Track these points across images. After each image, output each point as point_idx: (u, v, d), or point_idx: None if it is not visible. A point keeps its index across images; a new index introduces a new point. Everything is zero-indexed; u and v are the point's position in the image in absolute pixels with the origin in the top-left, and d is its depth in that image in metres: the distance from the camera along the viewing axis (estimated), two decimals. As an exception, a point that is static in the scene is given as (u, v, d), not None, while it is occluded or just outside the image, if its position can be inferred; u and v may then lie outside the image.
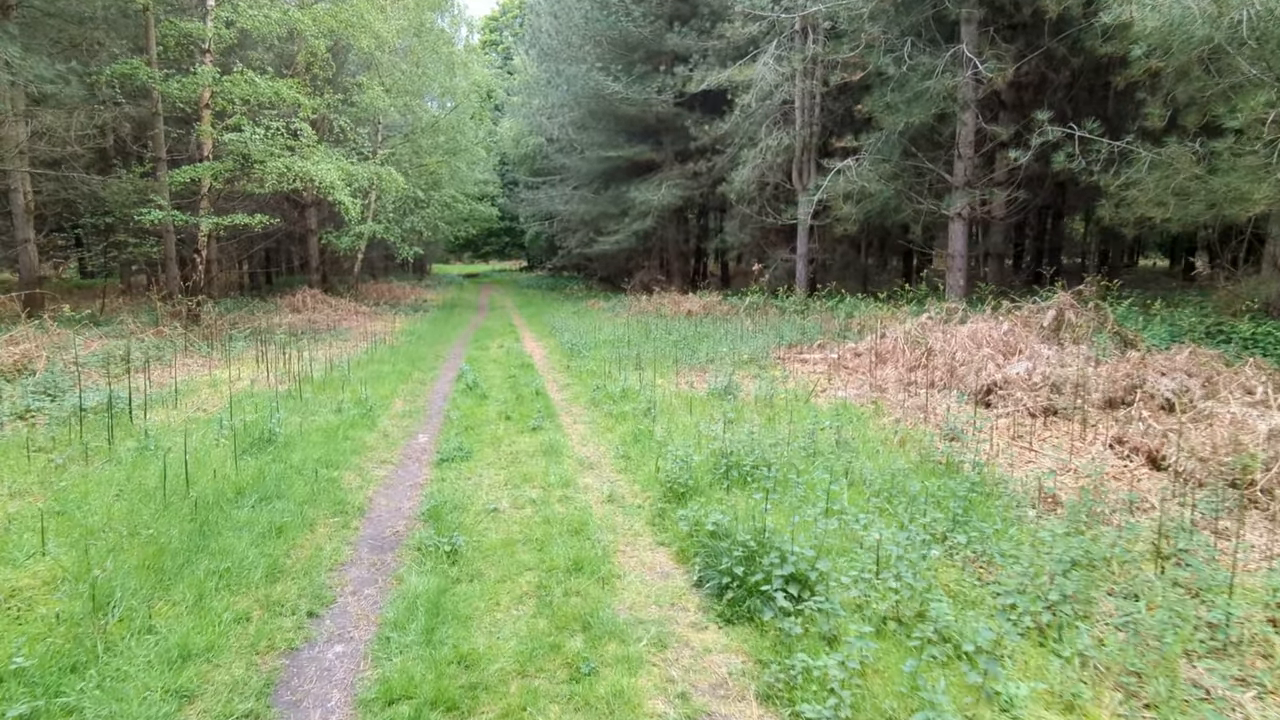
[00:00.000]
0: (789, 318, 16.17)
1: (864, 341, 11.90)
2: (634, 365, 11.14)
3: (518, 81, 35.20)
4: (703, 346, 12.59)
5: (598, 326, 17.08)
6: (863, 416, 7.82)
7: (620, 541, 4.75)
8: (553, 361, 12.65)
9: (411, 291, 29.13)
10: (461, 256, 58.51)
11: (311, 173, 13.62)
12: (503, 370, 11.54)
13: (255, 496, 5.10)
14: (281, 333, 14.95)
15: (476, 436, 7.31)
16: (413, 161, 24.45)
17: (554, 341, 15.07)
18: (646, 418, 7.75)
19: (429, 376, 11.02)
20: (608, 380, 9.92)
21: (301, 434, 6.83)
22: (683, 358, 11.58)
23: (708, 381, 9.89)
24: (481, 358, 12.92)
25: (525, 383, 10.17)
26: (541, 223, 32.68)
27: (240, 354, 11.86)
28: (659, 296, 23.20)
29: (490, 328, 18.67)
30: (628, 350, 12.49)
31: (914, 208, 15.63)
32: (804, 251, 19.68)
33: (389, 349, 13.42)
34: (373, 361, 11.72)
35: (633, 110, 24.15)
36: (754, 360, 11.33)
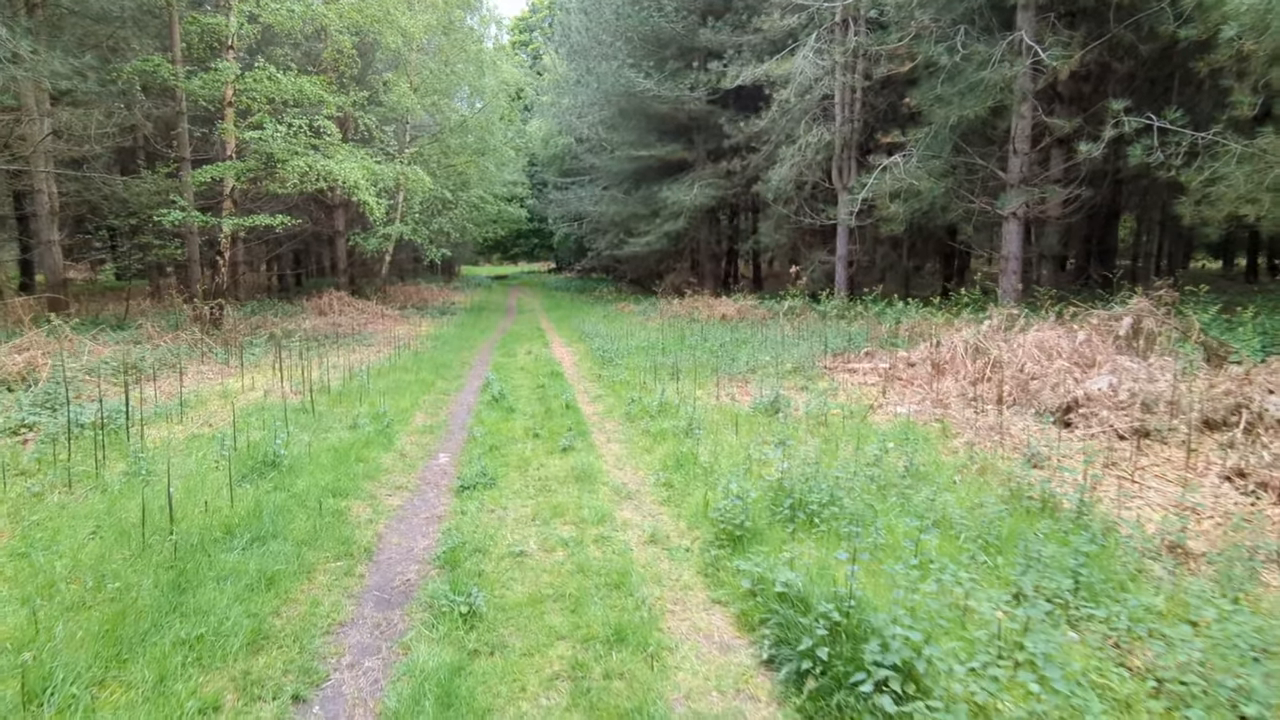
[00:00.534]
0: (831, 323, 15.30)
1: (917, 350, 11.01)
2: (670, 375, 10.39)
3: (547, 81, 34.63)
4: (742, 354, 11.79)
5: (629, 331, 16.34)
6: (929, 438, 6.98)
7: (668, 597, 3.99)
8: (583, 369, 11.94)
9: (439, 294, 28.65)
10: (490, 258, 58.19)
11: (334, 171, 13.06)
12: (530, 379, 10.85)
13: (248, 536, 4.42)
14: (297, 338, 14.42)
15: (502, 458, 6.60)
16: (440, 162, 23.95)
17: (584, 347, 14.36)
18: (688, 437, 6.98)
19: (453, 386, 10.35)
20: (643, 392, 9.17)
21: (310, 455, 6.17)
22: (722, 366, 10.79)
23: (751, 394, 9.10)
24: (508, 365, 12.25)
25: (554, 394, 9.46)
26: (570, 224, 32.06)
27: (258, 361, 11.31)
28: (691, 299, 22.42)
29: (518, 332, 18.03)
30: (663, 358, 11.73)
31: (965, 207, 14.67)
32: (844, 253, 18.77)
33: (413, 355, 12.80)
34: (395, 369, 11.09)
35: (664, 108, 23.40)
36: (799, 370, 10.50)
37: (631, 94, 23.53)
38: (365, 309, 20.76)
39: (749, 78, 19.44)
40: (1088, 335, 9.03)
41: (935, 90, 13.66)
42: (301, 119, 13.23)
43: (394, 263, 29.73)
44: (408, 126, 22.79)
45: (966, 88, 12.95)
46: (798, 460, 5.86)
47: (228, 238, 14.61)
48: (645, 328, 17.97)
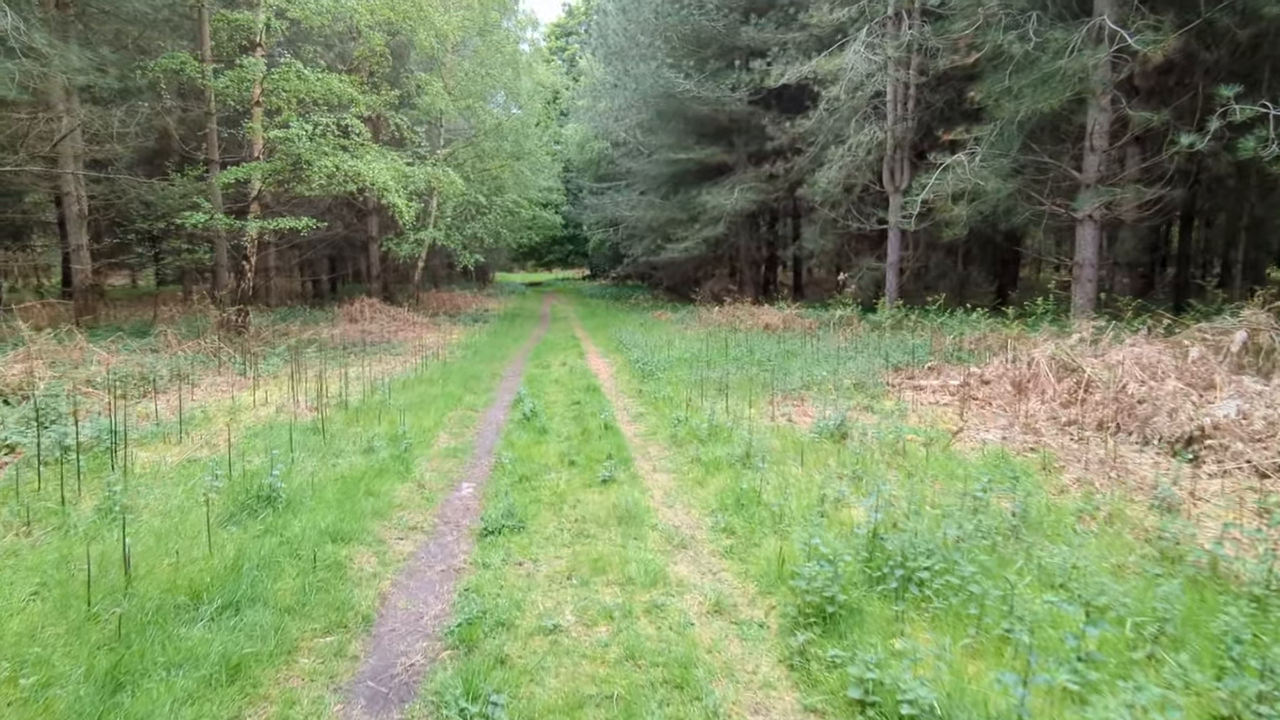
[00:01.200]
0: (885, 334, 14.19)
1: (990, 365, 9.90)
2: (718, 391, 9.42)
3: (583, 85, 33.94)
4: (794, 367, 10.78)
5: (668, 341, 15.40)
6: (1029, 472, 5.91)
7: (745, 701, 3.03)
8: (621, 383, 11.02)
9: (473, 300, 28.02)
10: (525, 265, 57.75)
11: (361, 172, 12.36)
12: (565, 394, 9.96)
13: (219, 600, 3.56)
14: (322, 347, 13.74)
15: (533, 491, 5.69)
16: (475, 166, 23.32)
17: (621, 358, 13.45)
18: (746, 468, 6.02)
19: (481, 401, 9.50)
20: (689, 411, 8.22)
21: (313, 488, 5.32)
22: (774, 382, 9.79)
23: (811, 415, 8.10)
24: (542, 378, 11.38)
25: (591, 411, 8.55)
26: (606, 230, 31.27)
27: (276, 372, 10.59)
28: (731, 307, 21.40)
29: (552, 341, 17.20)
30: (707, 371, 10.77)
31: (1034, 209, 13.48)
32: (895, 259, 17.63)
33: (440, 366, 12.01)
34: (420, 382, 10.28)
35: (704, 109, 22.48)
36: (860, 387, 9.45)
37: (670, 95, 22.66)
38: (397, 316, 20.13)
39: (794, 76, 18.44)
40: (1201, 353, 7.86)
41: (1003, 83, 12.52)
42: (329, 118, 12.56)
43: (427, 269, 29.21)
44: (442, 130, 22.18)
45: (1040, 79, 11.80)
46: (881, 499, 4.88)
47: (254, 242, 14.01)
48: (684, 337, 17.02)
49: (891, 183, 17.48)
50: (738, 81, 21.70)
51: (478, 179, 23.02)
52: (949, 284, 18.82)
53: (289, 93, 13.15)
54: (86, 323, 14.67)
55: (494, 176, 24.31)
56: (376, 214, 23.08)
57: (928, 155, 17.98)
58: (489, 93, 23.26)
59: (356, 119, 13.00)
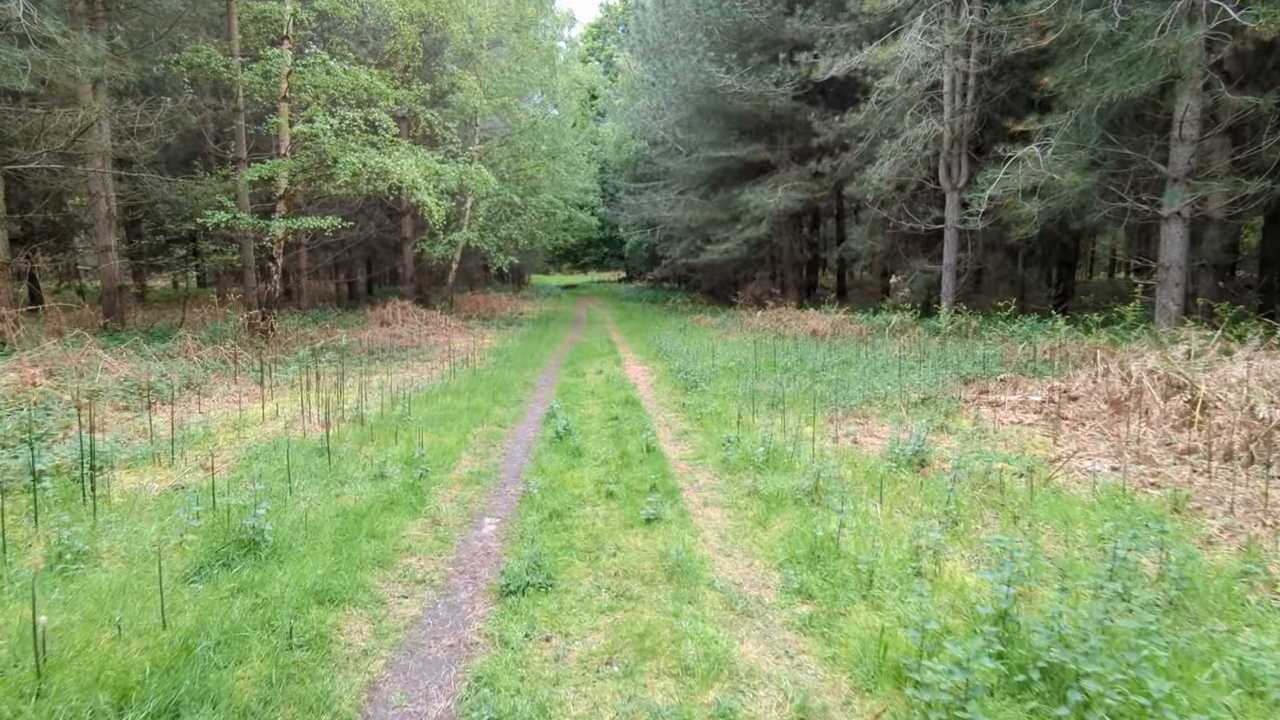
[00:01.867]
0: (946, 341, 13.07)
1: (1075, 379, 8.78)
2: (770, 405, 8.47)
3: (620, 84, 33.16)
4: (852, 379, 9.76)
5: (711, 348, 14.46)
6: (1159, 516, 4.85)
7: None
8: (662, 395, 10.10)
9: (507, 303, 27.37)
10: (560, 267, 57.21)
11: (389, 168, 11.65)
12: (601, 407, 9.08)
13: (155, 701, 2.73)
14: (348, 352, 13.06)
15: (565, 532, 4.81)
16: (510, 166, 22.62)
17: (661, 366, 12.54)
18: (815, 504, 5.07)
19: (511, 415, 8.66)
20: (740, 430, 7.28)
21: (307, 527, 4.51)
22: (831, 396, 8.80)
23: (879, 436, 7.10)
24: (576, 387, 10.52)
25: (631, 429, 7.66)
26: (643, 231, 30.39)
27: (295, 380, 9.88)
28: (774, 312, 20.37)
29: (587, 346, 16.36)
30: (756, 382, 9.81)
31: (1112, 206, 12.24)
32: (952, 261, 16.43)
33: (470, 374, 11.22)
34: (446, 392, 9.49)
35: (746, 105, 21.46)
36: (930, 403, 8.41)
37: (711, 91, 21.70)
38: (429, 319, 19.50)
39: (843, 67, 17.35)
40: (1346, 368, 6.69)
41: (1081, 67, 11.34)
42: (355, 112, 11.88)
43: (462, 271, 28.64)
44: (477, 129, 21.52)
45: (1125, 61, 10.60)
46: (986, 555, 3.91)
47: (279, 243, 13.41)
48: (726, 343, 16.06)
49: (948, 179, 16.29)
50: (782, 76, 20.64)
51: (512, 179, 22.32)
52: (1009, 287, 17.55)
53: (316, 87, 12.52)
54: (112, 326, 14.25)
55: (529, 176, 23.60)
56: (411, 215, 22.52)
57: (988, 150, 16.78)
58: (525, 91, 22.55)
59: (385, 114, 12.30)
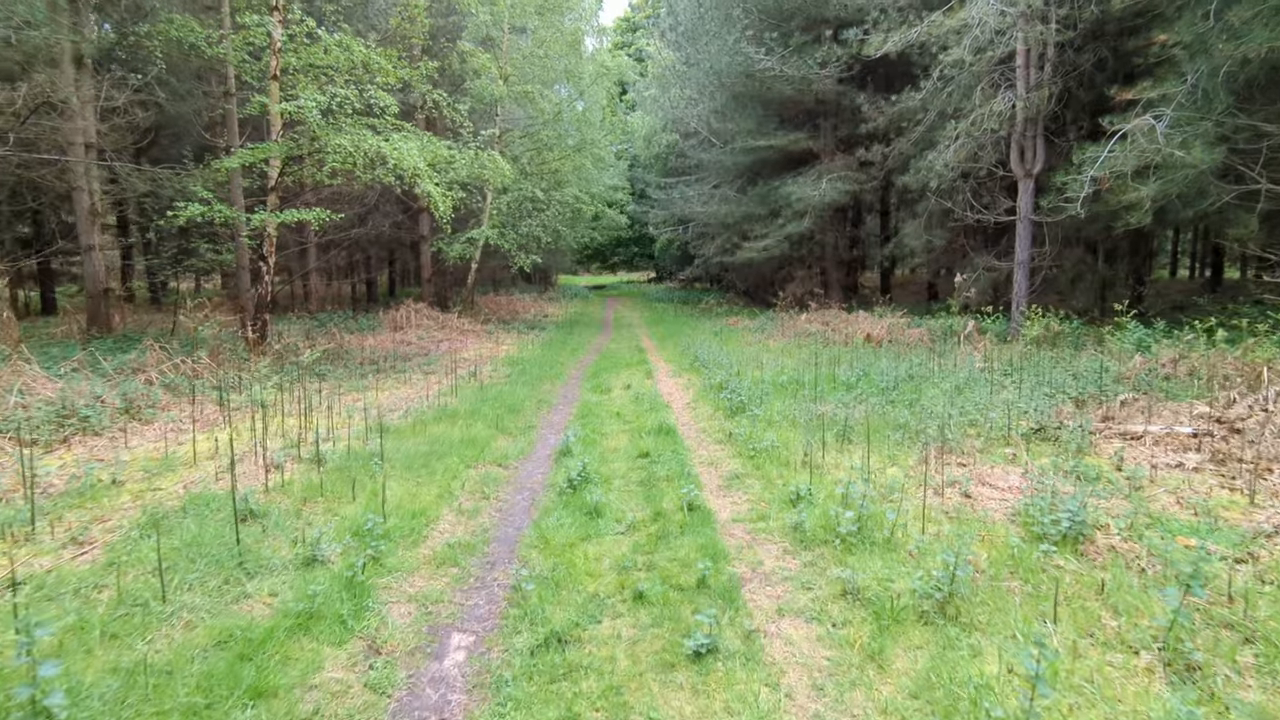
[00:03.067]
0: (1030, 350, 11.08)
1: (1235, 404, 6.79)
2: (840, 436, 6.63)
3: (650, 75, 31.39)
4: (932, 399, 7.87)
5: (753, 356, 12.62)
6: None
7: None
8: (701, 418, 8.28)
9: (531, 305, 25.74)
10: (589, 267, 55.59)
11: (385, 152, 10.01)
12: (629, 436, 7.30)
13: None
14: (340, 363, 11.46)
15: (567, 682, 3.00)
16: (533, 159, 20.96)
17: (698, 380, 10.71)
18: (953, 625, 3.24)
19: (517, 449, 6.90)
20: (811, 476, 5.46)
21: (142, 690, 2.79)
22: (915, 423, 6.92)
23: (997, 485, 5.22)
24: (599, 408, 8.75)
25: (666, 472, 5.86)
26: (674, 229, 28.54)
27: (268, 399, 8.25)
28: (818, 314, 18.44)
29: (614, 354, 14.59)
30: (815, 403, 7.95)
31: (1240, 189, 10.15)
32: (1025, 257, 14.35)
33: (476, 390, 9.50)
34: (442, 417, 7.77)
35: (787, 90, 19.54)
36: (1044, 434, 6.49)
37: (749, 75, 19.82)
38: (445, 323, 17.93)
39: (899, 42, 15.37)
40: None
41: (1206, 22, 9.29)
42: (349, 90, 10.26)
43: (484, 271, 27.11)
44: (498, 119, 19.91)
45: (1273, 9, 8.55)
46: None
47: (272, 240, 11.86)
48: (769, 350, 14.20)
49: (1020, 164, 14.22)
50: (827, 56, 18.69)
51: (535, 173, 20.66)
52: (1087, 287, 15.41)
53: (305, 62, 10.94)
54: (95, 334, 12.87)
55: (553, 171, 21.92)
56: (428, 211, 20.99)
57: (1067, 130, 14.68)
58: (549, 79, 20.86)
59: (383, 92, 10.66)
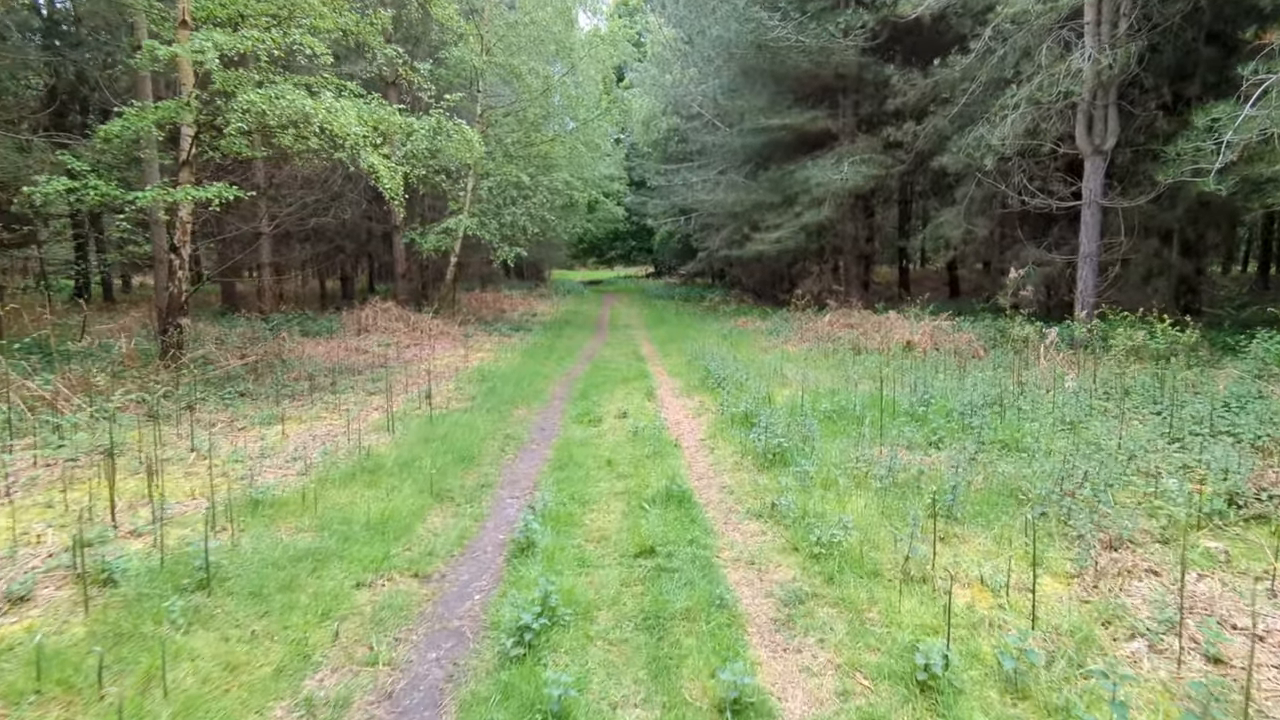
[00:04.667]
0: (1118, 361, 8.77)
1: None
2: (935, 510, 4.32)
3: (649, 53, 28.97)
4: (1034, 435, 5.56)
5: (774, 367, 10.31)
6: None
7: None
8: (724, 469, 5.92)
9: (520, 303, 23.36)
10: (585, 262, 53.09)
11: (309, 112, 7.64)
12: (624, 509, 4.94)
13: None
14: (270, 380, 9.12)
15: None
16: (519, 140, 18.55)
17: (712, 402, 8.38)
18: None
19: (450, 538, 4.47)
20: (927, 605, 3.15)
21: None
22: (1037, 484, 4.61)
23: (1230, 611, 2.92)
24: (584, 452, 6.39)
25: (684, 600, 3.51)
26: (675, 220, 26.11)
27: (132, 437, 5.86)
28: (838, 314, 16.11)
29: (609, 363, 12.24)
30: (875, 442, 5.62)
31: None
32: (1093, 249, 12.02)
33: (423, 424, 7.13)
34: (358, 475, 5.40)
35: (804, 63, 17.15)
36: (1245, 507, 4.18)
37: (760, 46, 17.44)
38: (418, 324, 15.57)
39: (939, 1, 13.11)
40: None
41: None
42: (265, 34, 7.87)
43: (469, 266, 24.70)
44: (479, 95, 17.50)
45: None
46: None
47: (184, 225, 9.50)
48: (789, 357, 11.90)
49: (1088, 139, 11.87)
50: (850, 22, 16.33)
51: (520, 156, 18.27)
52: (1163, 283, 13.08)
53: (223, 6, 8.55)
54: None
55: (543, 155, 19.50)
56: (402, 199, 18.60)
57: (1147, 99, 12.30)
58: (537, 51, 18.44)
59: (312, 38, 8.27)
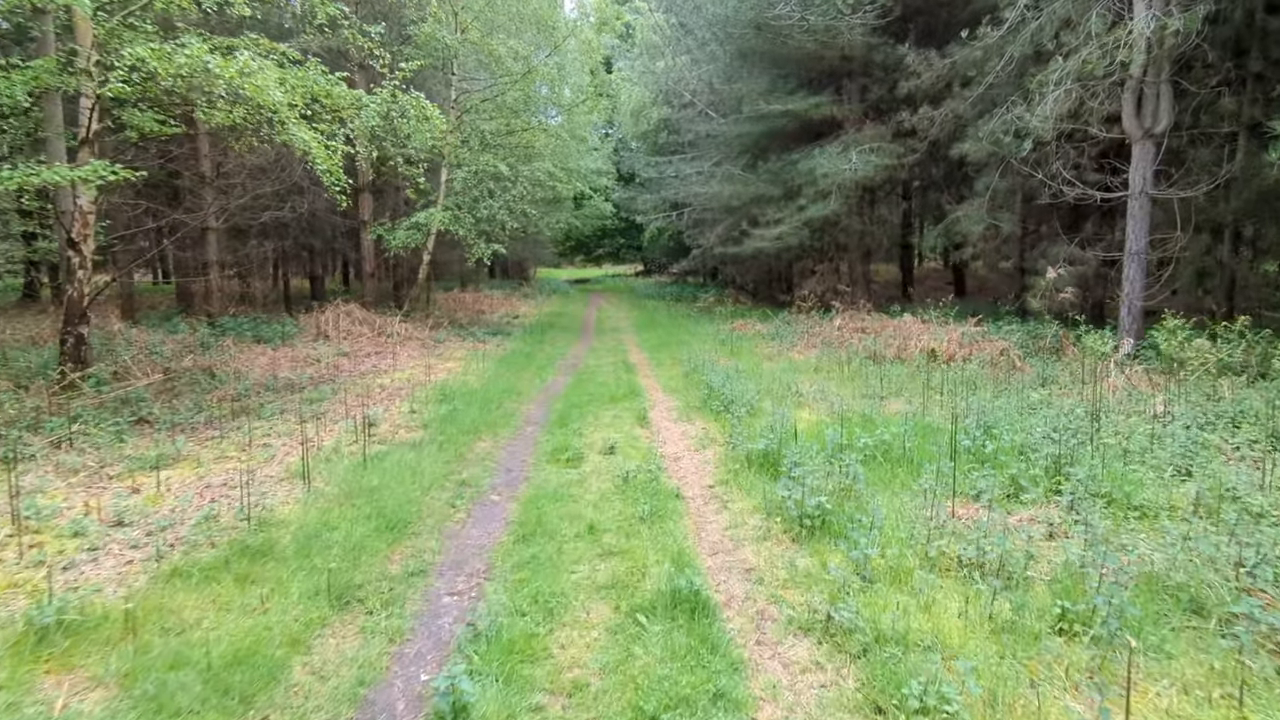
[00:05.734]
0: (1196, 380, 7.33)
1: None
2: (1060, 624, 2.79)
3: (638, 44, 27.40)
4: (1154, 490, 4.08)
5: (784, 380, 8.79)
6: None
7: None
8: (745, 538, 4.35)
9: (501, 303, 21.72)
10: (573, 260, 51.39)
11: (212, 70, 6.03)
12: (609, 601, 3.41)
13: None
14: (190, 400, 7.52)
15: None
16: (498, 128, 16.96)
17: (718, 430, 6.83)
18: None
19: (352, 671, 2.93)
20: None
21: None
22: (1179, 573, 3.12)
23: None
24: (559, 507, 4.82)
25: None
26: (667, 215, 24.51)
27: None
28: (846, 316, 14.63)
29: (593, 375, 10.68)
30: (939, 497, 4.11)
31: None
32: (1142, 245, 10.55)
33: (352, 469, 5.52)
34: (240, 555, 3.83)
35: (808, 45, 15.63)
36: None
37: (760, 27, 15.94)
38: (385, 328, 13.97)
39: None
40: None
41: None
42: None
43: (446, 264, 23.07)
44: (453, 78, 15.88)
45: None
46: None
47: (84, 217, 7.87)
48: (796, 367, 10.44)
49: (1137, 121, 10.40)
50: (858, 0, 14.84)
51: (499, 143, 16.66)
52: (1215, 285, 11.67)
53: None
54: None
55: (525, 145, 17.90)
56: (370, 192, 16.98)
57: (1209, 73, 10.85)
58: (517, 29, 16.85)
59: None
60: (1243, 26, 10.45)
